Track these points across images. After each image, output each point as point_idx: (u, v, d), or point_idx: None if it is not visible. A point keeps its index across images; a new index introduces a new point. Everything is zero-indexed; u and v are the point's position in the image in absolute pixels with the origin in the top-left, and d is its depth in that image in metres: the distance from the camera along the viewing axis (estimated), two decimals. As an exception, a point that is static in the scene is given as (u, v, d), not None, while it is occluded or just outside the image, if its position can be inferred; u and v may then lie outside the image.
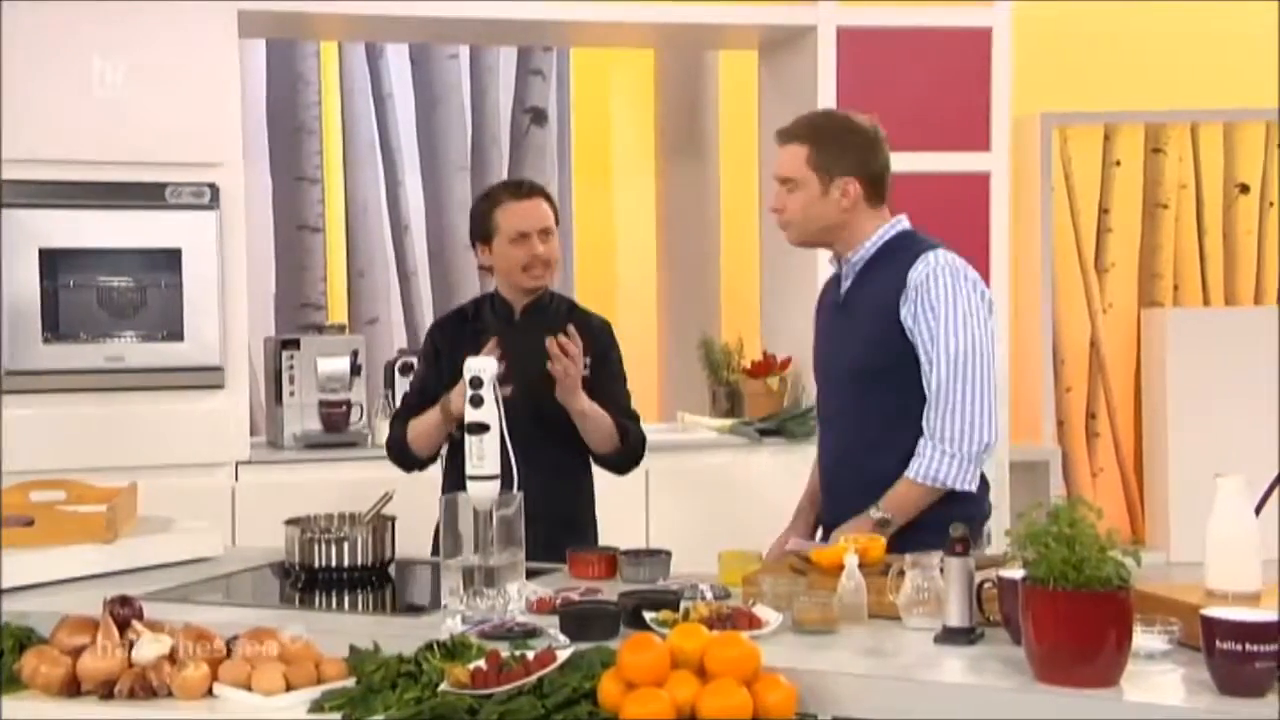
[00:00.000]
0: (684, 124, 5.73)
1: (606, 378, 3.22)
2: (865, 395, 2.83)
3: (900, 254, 2.81)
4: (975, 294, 2.76)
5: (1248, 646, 1.89)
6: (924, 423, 2.72)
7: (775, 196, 2.89)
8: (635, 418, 3.25)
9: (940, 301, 2.72)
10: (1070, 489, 5.33)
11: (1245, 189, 5.50)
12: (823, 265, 4.66)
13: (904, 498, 2.71)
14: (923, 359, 2.74)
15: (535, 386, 3.03)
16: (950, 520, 2.26)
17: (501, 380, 2.72)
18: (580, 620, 2.29)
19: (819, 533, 2.94)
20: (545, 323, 3.15)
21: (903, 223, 2.89)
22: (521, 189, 3.27)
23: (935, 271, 2.74)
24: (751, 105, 5.12)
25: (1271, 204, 5.51)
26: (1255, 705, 1.88)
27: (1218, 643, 1.91)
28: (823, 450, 2.98)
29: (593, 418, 3.10)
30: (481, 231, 3.24)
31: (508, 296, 3.25)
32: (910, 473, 2.71)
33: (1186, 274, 5.51)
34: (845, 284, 2.90)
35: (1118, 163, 5.46)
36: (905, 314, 2.75)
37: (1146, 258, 5.47)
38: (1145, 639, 2.06)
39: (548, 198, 3.27)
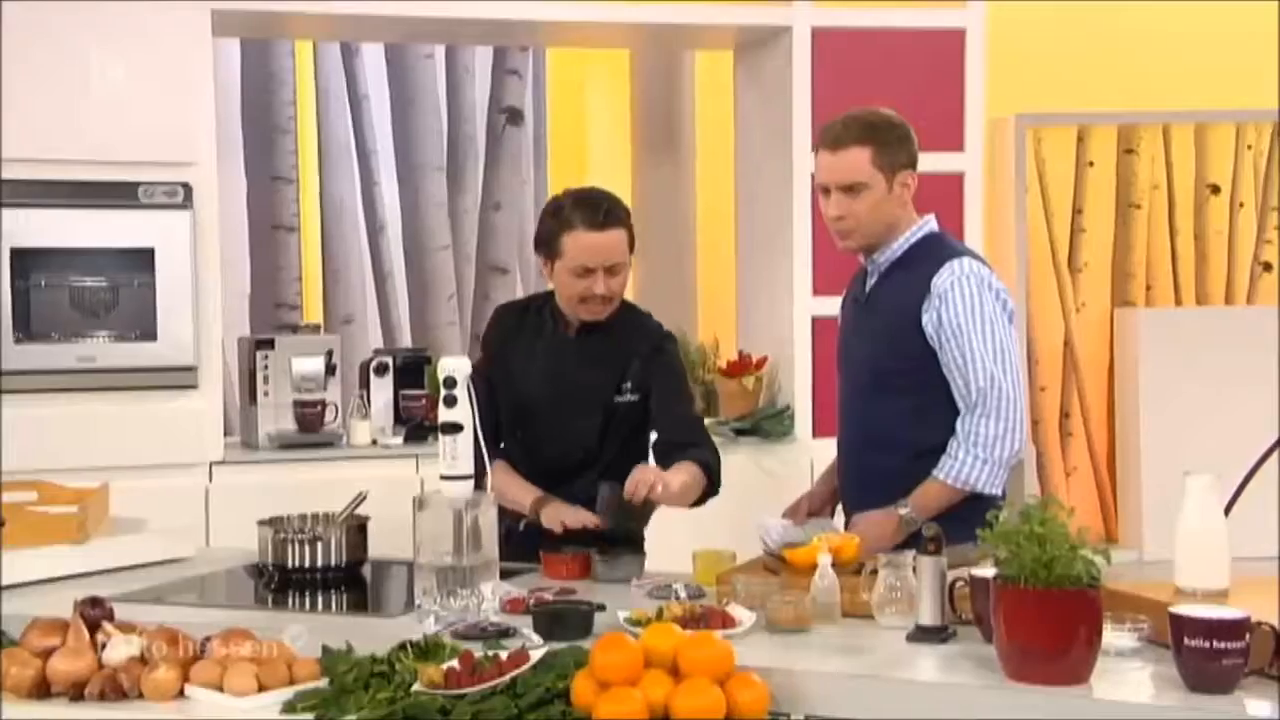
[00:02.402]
0: (660, 124, 5.72)
1: (664, 401, 3.01)
2: (881, 393, 2.85)
3: (926, 257, 2.81)
4: (997, 303, 2.77)
5: (1216, 644, 1.90)
6: (958, 426, 2.73)
7: (835, 205, 2.83)
8: (701, 438, 3.01)
9: (964, 309, 2.73)
10: (1044, 488, 5.35)
11: (1216, 189, 5.54)
12: (800, 266, 4.71)
13: (931, 497, 2.72)
14: (945, 364, 2.75)
15: (584, 407, 2.98)
16: (968, 512, 2.28)
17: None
18: (553, 620, 2.29)
19: (839, 516, 2.94)
20: (602, 342, 3.01)
21: (931, 224, 2.89)
22: (599, 217, 2.90)
23: (960, 280, 2.75)
24: (727, 105, 5.12)
25: (1241, 204, 5.55)
26: (1223, 702, 1.90)
27: (1186, 640, 1.93)
28: (840, 439, 2.99)
29: (686, 496, 2.87)
30: (546, 248, 2.96)
31: (565, 312, 3.05)
32: (940, 473, 2.73)
33: (1159, 274, 5.54)
34: (870, 281, 2.91)
35: (1091, 163, 5.48)
36: (927, 319, 2.76)
37: (1119, 257, 5.50)
38: (1115, 636, 2.08)
39: (626, 224, 2.93)
